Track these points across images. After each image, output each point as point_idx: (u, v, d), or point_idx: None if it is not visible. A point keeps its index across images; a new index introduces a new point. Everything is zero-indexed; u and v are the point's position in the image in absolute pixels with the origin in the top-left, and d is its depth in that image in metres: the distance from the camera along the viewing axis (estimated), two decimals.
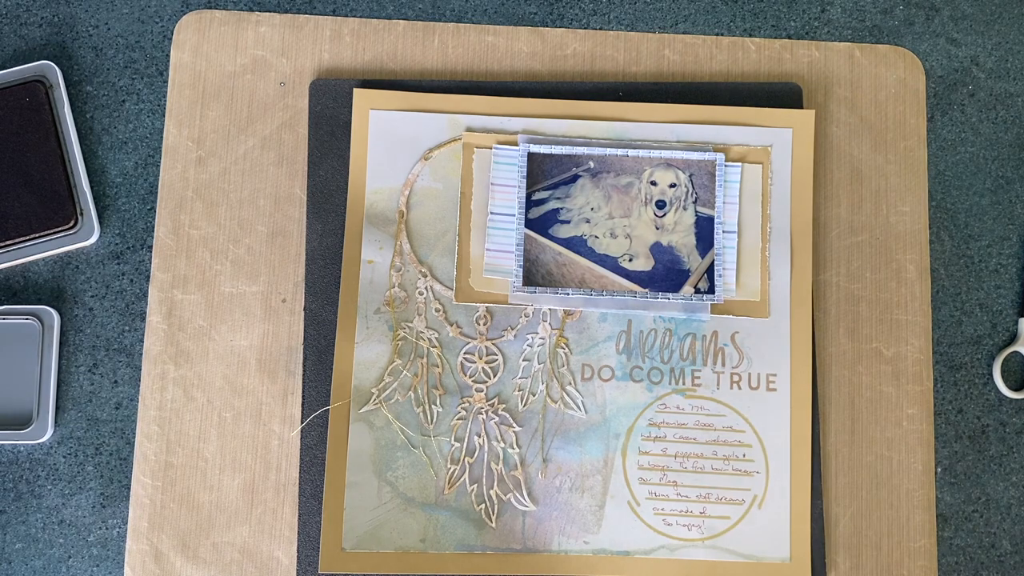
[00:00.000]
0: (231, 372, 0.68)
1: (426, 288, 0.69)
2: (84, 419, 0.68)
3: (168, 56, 0.72)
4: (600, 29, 0.73)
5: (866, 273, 0.70)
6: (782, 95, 0.72)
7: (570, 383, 0.68)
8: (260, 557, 0.66)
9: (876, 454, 0.68)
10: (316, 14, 0.73)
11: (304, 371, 0.68)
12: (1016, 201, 0.73)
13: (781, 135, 0.70)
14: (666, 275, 0.69)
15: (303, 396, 0.67)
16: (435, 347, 0.68)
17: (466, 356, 0.68)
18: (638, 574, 0.66)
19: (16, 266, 0.70)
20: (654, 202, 0.69)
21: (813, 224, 0.70)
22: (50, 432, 0.68)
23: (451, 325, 0.68)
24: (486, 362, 0.68)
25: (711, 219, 0.69)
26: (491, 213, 0.69)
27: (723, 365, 0.68)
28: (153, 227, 0.70)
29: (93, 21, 0.73)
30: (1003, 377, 0.71)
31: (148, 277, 0.69)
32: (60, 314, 0.69)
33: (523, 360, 0.68)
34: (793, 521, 0.66)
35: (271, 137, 0.71)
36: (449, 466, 0.67)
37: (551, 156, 0.69)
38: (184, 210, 0.70)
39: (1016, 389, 0.71)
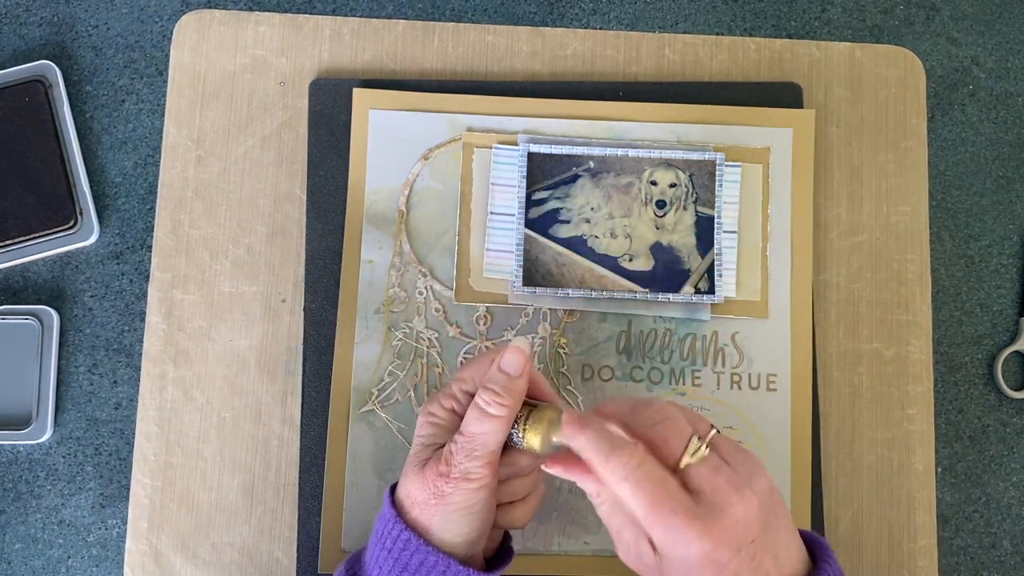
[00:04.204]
0: (231, 372, 0.68)
1: (426, 288, 0.69)
2: (84, 419, 0.68)
3: (168, 56, 0.72)
4: (600, 29, 0.73)
5: (866, 273, 0.70)
6: (782, 95, 0.71)
7: (569, 383, 0.68)
8: (260, 557, 0.66)
9: (876, 454, 0.68)
10: (316, 14, 0.73)
11: (304, 371, 0.68)
12: (1017, 201, 0.73)
13: (781, 135, 0.70)
14: (666, 275, 0.68)
15: (303, 396, 0.67)
16: (435, 347, 0.68)
17: (466, 356, 0.68)
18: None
19: (16, 266, 0.70)
20: (654, 202, 0.69)
21: (813, 224, 0.70)
22: (49, 432, 0.68)
23: (451, 325, 0.68)
24: None
25: (711, 219, 0.69)
26: (491, 213, 0.69)
27: (723, 365, 0.68)
28: (153, 227, 0.70)
29: (93, 21, 0.73)
30: (1004, 377, 0.71)
31: (148, 277, 0.69)
32: (60, 314, 0.69)
33: None
34: (794, 521, 0.66)
35: (271, 137, 0.71)
36: None
37: (551, 156, 0.69)
38: (184, 210, 0.70)
39: (1017, 389, 0.70)
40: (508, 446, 0.55)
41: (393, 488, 0.56)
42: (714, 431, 0.50)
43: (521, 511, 0.56)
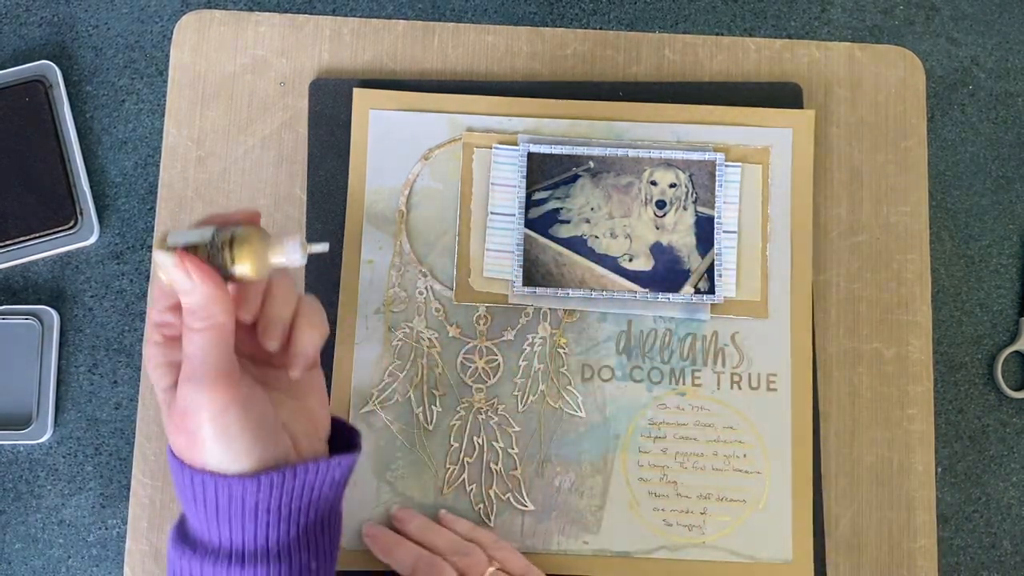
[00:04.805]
0: None
1: (426, 288, 0.69)
2: (84, 419, 0.68)
3: (168, 56, 0.72)
4: (600, 29, 0.73)
5: (866, 273, 0.70)
6: (782, 95, 0.71)
7: (569, 384, 0.68)
8: None
9: (876, 454, 0.68)
10: (316, 14, 0.73)
11: None
12: (1016, 201, 0.73)
13: (781, 135, 0.70)
14: (666, 275, 0.69)
15: None
16: (435, 347, 0.68)
17: (466, 356, 0.68)
18: (638, 574, 0.66)
19: (16, 266, 0.70)
20: (654, 202, 0.69)
21: (813, 224, 0.70)
22: (50, 432, 0.68)
23: (451, 325, 0.68)
24: (486, 362, 0.68)
25: (711, 219, 0.69)
26: (491, 213, 0.69)
27: (723, 365, 0.68)
28: (153, 227, 0.70)
29: (93, 21, 0.73)
30: (1003, 377, 0.71)
31: (148, 277, 0.69)
32: (60, 314, 0.69)
33: (522, 360, 0.68)
34: (795, 522, 0.66)
35: (271, 137, 0.71)
36: (448, 466, 0.67)
37: (551, 156, 0.69)
38: (184, 210, 0.70)
39: (1017, 389, 0.70)
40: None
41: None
42: (492, 570, 0.59)
43: (300, 334, 0.50)
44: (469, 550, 0.61)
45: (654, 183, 0.69)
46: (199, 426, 0.45)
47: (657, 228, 0.69)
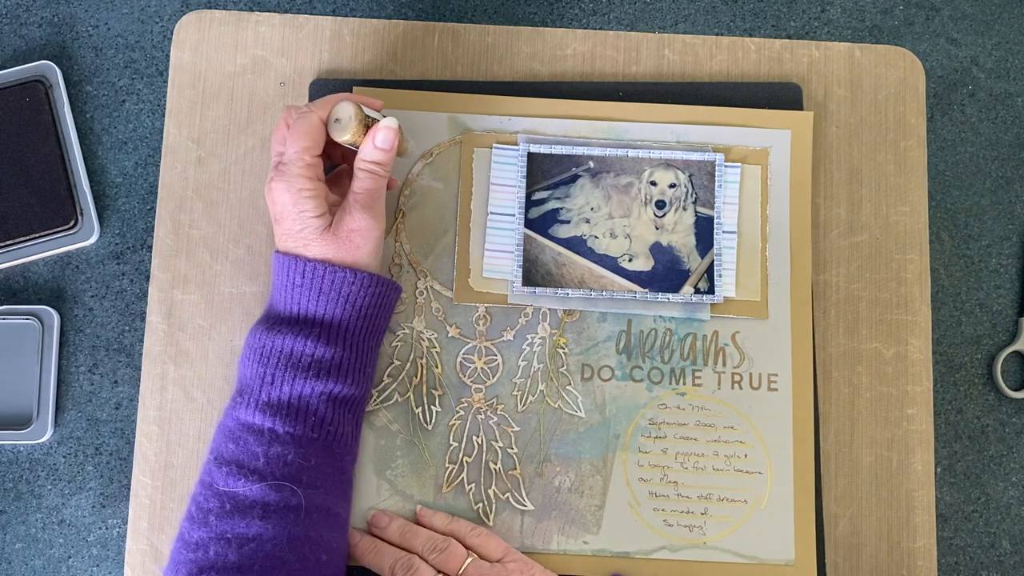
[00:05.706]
0: (231, 372, 0.68)
1: (426, 288, 0.69)
2: (84, 419, 0.68)
3: (168, 56, 0.72)
4: (600, 29, 0.73)
5: (866, 273, 0.70)
6: (782, 95, 0.71)
7: (569, 383, 0.68)
8: None
9: (876, 454, 0.68)
10: (316, 14, 0.73)
11: None
12: (1016, 201, 0.73)
13: (780, 136, 0.70)
14: (666, 275, 0.69)
15: None
16: (435, 348, 0.68)
17: (465, 357, 0.68)
18: (639, 575, 0.66)
19: (16, 266, 0.70)
20: (654, 202, 0.69)
21: (813, 224, 0.70)
22: (50, 432, 0.68)
23: (450, 326, 0.68)
24: (485, 363, 0.68)
25: (711, 219, 0.69)
26: (491, 213, 0.69)
27: (724, 365, 0.68)
28: (153, 227, 0.70)
29: (93, 21, 0.73)
30: (1003, 377, 0.71)
31: (148, 277, 0.69)
32: (60, 314, 0.69)
33: (522, 360, 0.68)
34: (797, 522, 0.66)
35: (271, 137, 0.71)
36: (447, 465, 0.67)
37: (551, 156, 0.69)
38: (184, 210, 0.70)
39: (1016, 389, 0.70)
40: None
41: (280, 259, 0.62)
42: (469, 560, 0.62)
43: None
44: (445, 545, 0.62)
45: (654, 183, 0.69)
46: (365, 241, 0.61)
47: (657, 228, 0.69)
